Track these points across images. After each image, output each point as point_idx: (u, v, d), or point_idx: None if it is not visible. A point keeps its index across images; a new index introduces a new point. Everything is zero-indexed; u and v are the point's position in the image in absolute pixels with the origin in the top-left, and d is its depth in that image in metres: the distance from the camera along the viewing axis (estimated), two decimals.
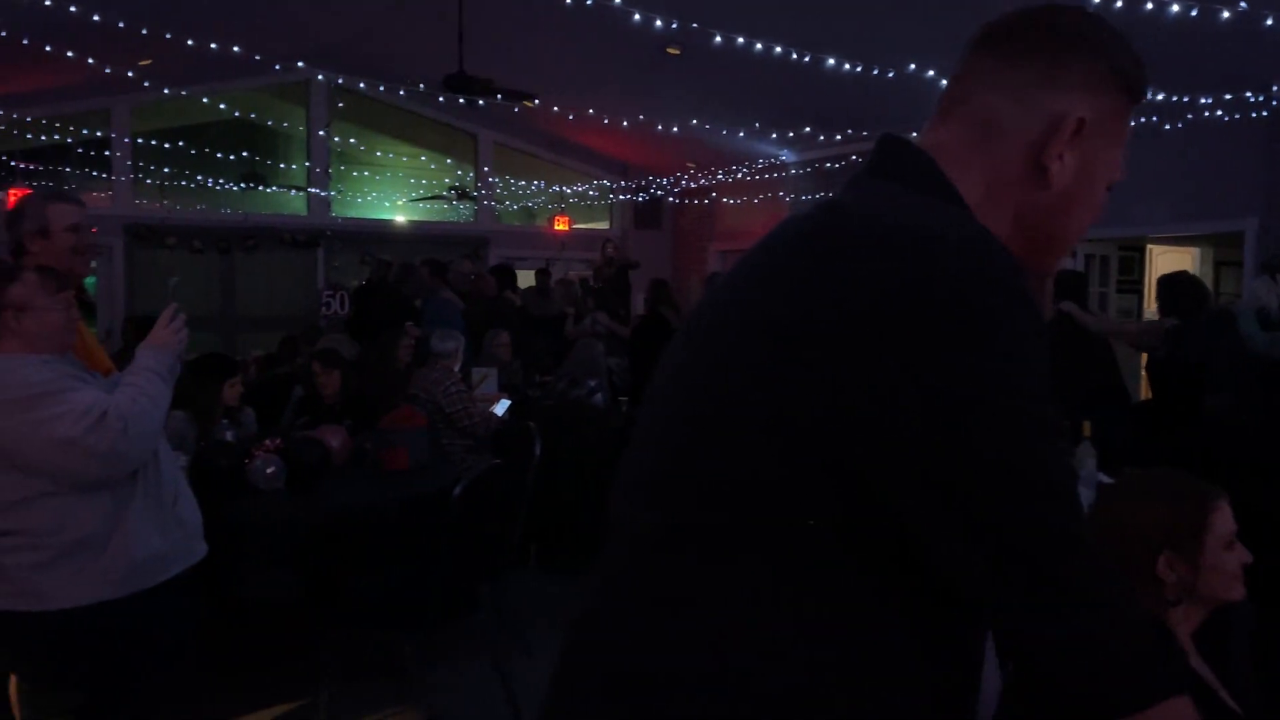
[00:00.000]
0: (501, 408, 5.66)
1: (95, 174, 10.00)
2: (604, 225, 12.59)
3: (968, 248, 0.85)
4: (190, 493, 2.61)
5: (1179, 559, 1.66)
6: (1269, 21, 4.91)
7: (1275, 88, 6.09)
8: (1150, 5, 4.64)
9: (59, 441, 2.18)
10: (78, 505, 2.24)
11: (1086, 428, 3.89)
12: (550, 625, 4.59)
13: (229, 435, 4.26)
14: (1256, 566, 1.72)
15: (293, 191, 11.08)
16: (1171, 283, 5.21)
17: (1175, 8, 4.69)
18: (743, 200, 10.88)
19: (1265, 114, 6.14)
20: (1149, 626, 0.85)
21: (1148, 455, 4.27)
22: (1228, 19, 4.70)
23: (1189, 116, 6.24)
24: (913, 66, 6.10)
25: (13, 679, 2.71)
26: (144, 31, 5.83)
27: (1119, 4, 4.57)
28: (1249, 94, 6.05)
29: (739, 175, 10.40)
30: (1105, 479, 3.89)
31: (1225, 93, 6.10)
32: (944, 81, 4.68)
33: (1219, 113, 6.26)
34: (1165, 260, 8.36)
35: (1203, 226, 7.14)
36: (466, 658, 4.13)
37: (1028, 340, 0.83)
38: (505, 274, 8.54)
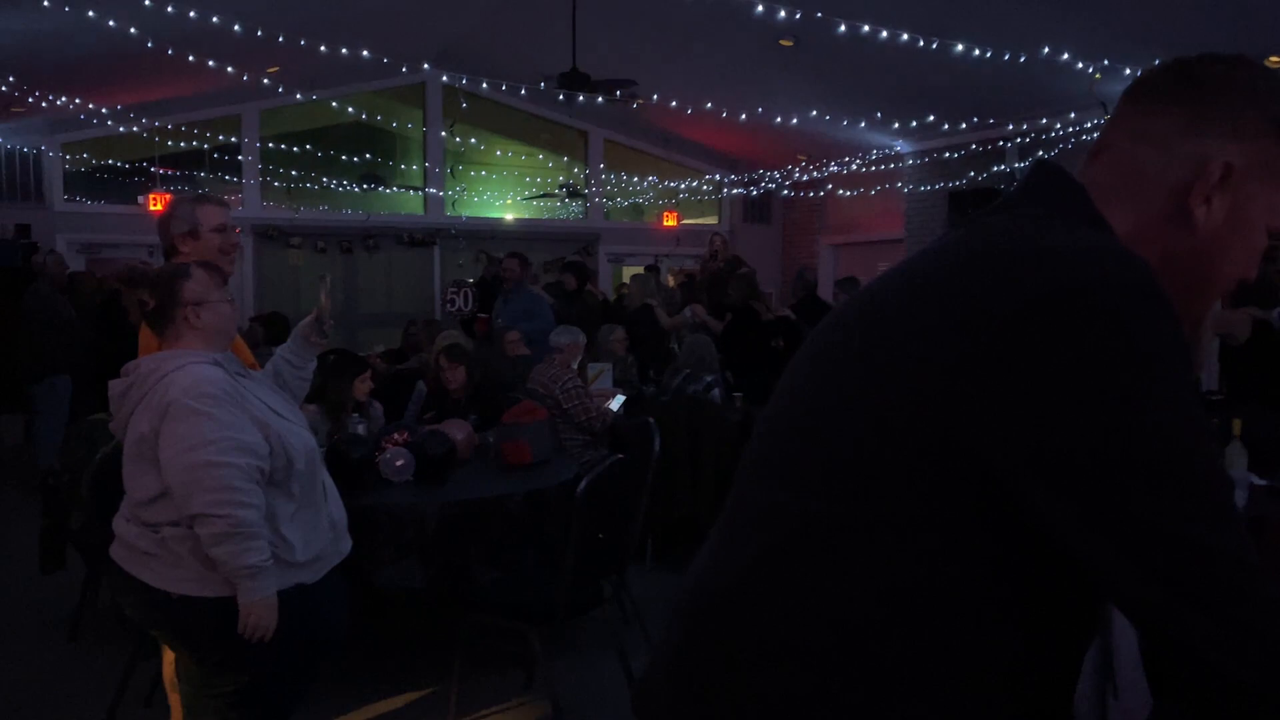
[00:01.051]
0: (617, 403, 5.68)
1: (227, 178, 10.47)
2: (713, 220, 12.53)
3: (1107, 261, 0.88)
4: (336, 491, 2.70)
5: None
6: None
7: None
8: None
9: (170, 460, 2.27)
10: None
11: (1237, 426, 3.69)
12: None
13: (360, 429, 4.39)
14: None
15: (410, 192, 11.39)
16: None
17: None
18: (856, 193, 10.67)
19: None
20: None
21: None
22: None
23: None
24: (1046, 50, 5.86)
25: (168, 656, 2.85)
26: (280, 39, 6.06)
27: None
28: None
29: (852, 167, 10.20)
30: (1258, 480, 3.67)
31: None
32: (1079, 65, 4.49)
33: None
34: None
35: None
36: (591, 651, 4.16)
37: (1170, 347, 0.85)
38: (580, 270, 8.52)
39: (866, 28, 5.50)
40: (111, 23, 5.84)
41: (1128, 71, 5.96)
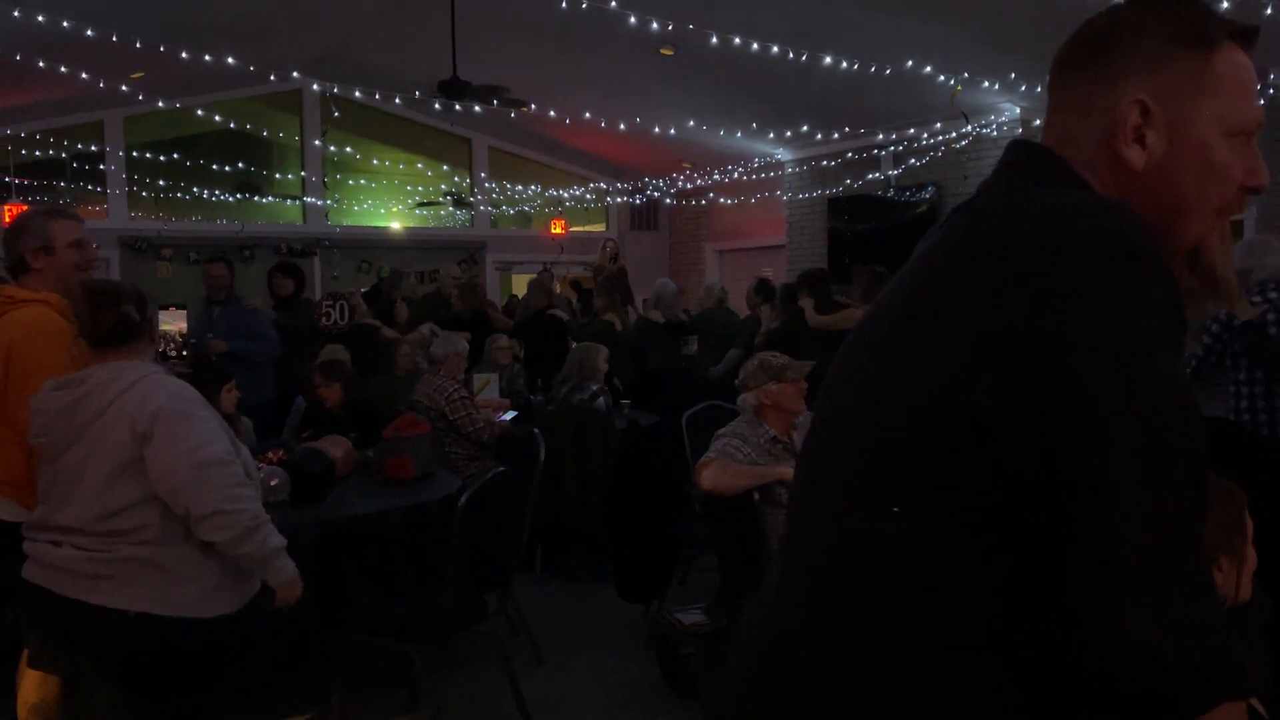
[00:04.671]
0: (508, 417, 5.65)
1: (90, 188, 9.98)
2: (600, 228, 12.57)
3: (1096, 215, 0.90)
4: None
5: (1230, 562, 1.64)
6: (1268, 11, 4.90)
7: (1272, 75, 6.08)
8: None
9: (173, 461, 2.36)
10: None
11: None
12: (558, 632, 4.57)
13: None
14: None
15: (288, 201, 11.07)
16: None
17: None
18: (739, 200, 10.87)
19: (1262, 102, 6.13)
20: (1224, 624, 0.85)
21: None
22: (1227, 7, 4.69)
23: None
24: (910, 63, 6.09)
25: (25, 696, 2.72)
26: (138, 45, 5.81)
27: None
28: None
29: (735, 175, 10.39)
30: None
31: None
32: (941, 78, 4.69)
33: None
34: None
35: None
36: (477, 666, 4.12)
37: (1149, 298, 0.86)
38: (295, 272, 6.99)
39: (738, 40, 5.62)
40: None
41: (986, 84, 6.25)
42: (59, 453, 2.42)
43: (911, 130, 8.21)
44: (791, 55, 5.81)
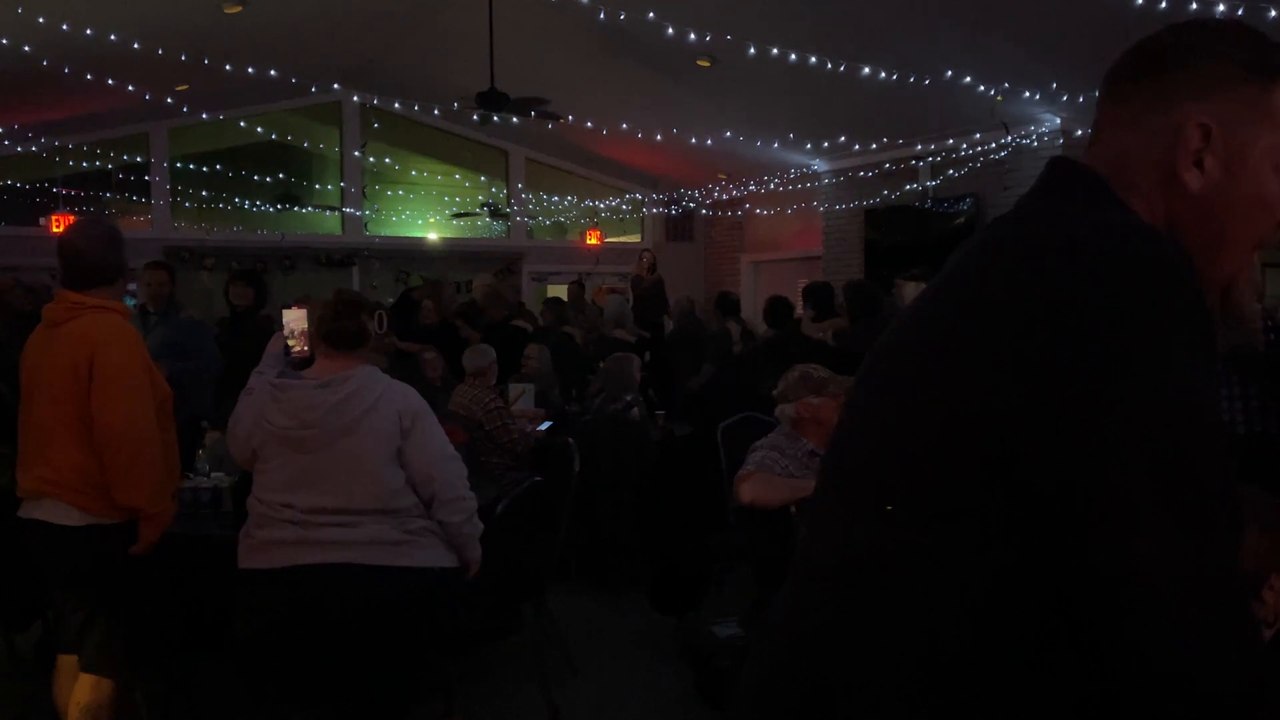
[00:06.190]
0: (544, 427, 5.67)
1: (134, 198, 10.16)
2: (635, 239, 12.60)
3: (1130, 238, 0.89)
4: None
5: None
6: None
7: None
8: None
9: (432, 455, 2.80)
10: None
11: None
12: (592, 641, 4.56)
13: None
14: None
15: (328, 212, 11.21)
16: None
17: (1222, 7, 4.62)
18: (775, 211, 10.83)
19: None
20: (1263, 651, 0.83)
21: None
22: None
23: None
24: (949, 74, 6.04)
25: (78, 698, 2.73)
26: (183, 58, 5.92)
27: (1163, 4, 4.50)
28: None
29: (771, 186, 10.36)
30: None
31: None
32: (981, 88, 4.64)
33: None
34: None
35: None
36: (512, 675, 4.11)
37: (1183, 324, 0.84)
38: (257, 281, 6.46)
39: (776, 50, 5.61)
40: (4, 40, 5.64)
41: (1026, 94, 6.18)
42: (326, 443, 2.68)
43: (950, 141, 8.14)
44: (829, 65, 5.80)
